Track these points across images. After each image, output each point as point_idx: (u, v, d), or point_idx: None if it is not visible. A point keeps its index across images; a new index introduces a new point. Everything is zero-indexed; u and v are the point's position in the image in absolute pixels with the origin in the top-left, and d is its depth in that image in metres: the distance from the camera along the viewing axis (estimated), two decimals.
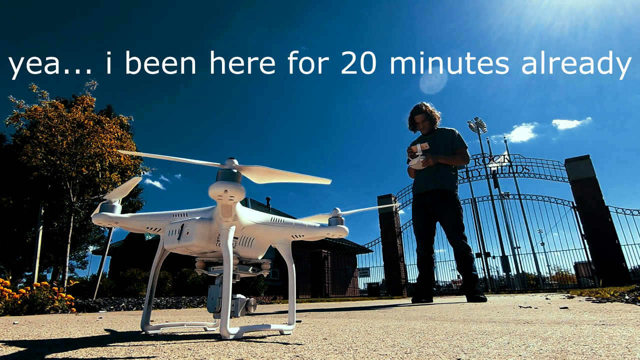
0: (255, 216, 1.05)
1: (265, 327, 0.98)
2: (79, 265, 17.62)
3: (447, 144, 3.60)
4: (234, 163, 0.83)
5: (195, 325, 1.26)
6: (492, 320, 1.31)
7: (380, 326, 1.22)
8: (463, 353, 0.64)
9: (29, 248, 13.77)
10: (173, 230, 0.95)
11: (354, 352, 0.69)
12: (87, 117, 7.30)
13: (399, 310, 2.32)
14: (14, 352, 0.76)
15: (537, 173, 10.61)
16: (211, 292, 0.98)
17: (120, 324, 1.65)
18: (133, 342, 0.88)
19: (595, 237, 8.76)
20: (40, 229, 7.40)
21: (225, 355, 0.66)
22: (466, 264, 3.34)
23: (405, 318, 1.59)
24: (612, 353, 0.60)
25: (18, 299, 3.21)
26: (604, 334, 0.83)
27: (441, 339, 0.84)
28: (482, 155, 11.61)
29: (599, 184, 9.13)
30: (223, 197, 0.82)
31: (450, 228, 3.42)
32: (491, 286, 10.56)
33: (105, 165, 7.55)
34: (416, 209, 3.66)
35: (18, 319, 2.31)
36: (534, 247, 10.69)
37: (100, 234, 16.33)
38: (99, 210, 1.03)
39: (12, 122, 7.18)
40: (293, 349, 0.73)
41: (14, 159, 10.64)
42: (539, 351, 0.64)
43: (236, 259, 1.05)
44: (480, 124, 13.29)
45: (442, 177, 3.52)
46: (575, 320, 1.20)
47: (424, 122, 3.71)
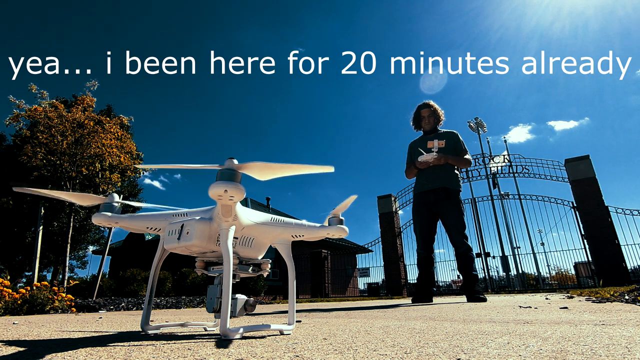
0: (255, 216, 1.05)
1: (265, 327, 0.98)
2: (79, 265, 17.64)
3: (451, 145, 3.61)
4: (233, 163, 0.83)
5: (195, 325, 1.26)
6: (492, 320, 1.31)
7: (380, 326, 1.22)
8: (463, 353, 0.64)
9: (29, 248, 13.77)
10: (173, 230, 0.95)
11: (354, 352, 0.69)
12: (87, 117, 7.31)
13: (399, 310, 2.31)
14: (14, 352, 0.76)
15: (537, 173, 10.62)
16: (210, 292, 0.98)
17: (120, 324, 1.65)
18: (133, 342, 0.88)
19: (595, 237, 8.76)
20: (40, 229, 7.40)
21: (225, 355, 0.66)
22: (467, 263, 3.34)
23: (405, 318, 1.59)
24: (612, 353, 0.60)
25: (18, 299, 3.21)
26: (603, 334, 0.83)
27: (441, 339, 0.84)
28: (482, 155, 11.61)
29: (598, 184, 9.13)
30: (223, 197, 0.82)
31: (452, 227, 3.42)
32: (491, 286, 10.56)
33: (105, 166, 7.55)
34: (418, 208, 3.65)
35: (18, 319, 2.31)
36: (533, 247, 10.71)
37: (100, 234, 16.35)
38: (98, 210, 1.03)
39: (12, 122, 7.19)
40: (293, 349, 0.73)
41: (14, 159, 10.64)
42: (539, 351, 0.64)
43: (236, 259, 1.05)
44: (480, 124, 13.29)
45: (447, 176, 3.52)
46: (575, 320, 1.20)
47: (429, 117, 3.73)
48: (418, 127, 3.89)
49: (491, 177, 11.37)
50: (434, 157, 3.49)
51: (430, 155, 3.51)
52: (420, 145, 3.72)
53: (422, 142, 3.72)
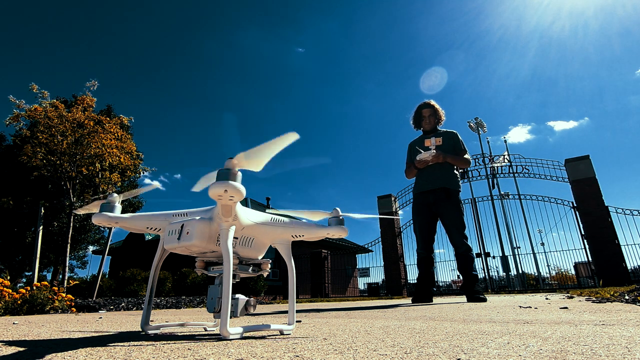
0: (255, 216, 1.05)
1: (265, 327, 0.98)
2: (79, 265, 17.64)
3: (450, 145, 3.61)
4: (233, 163, 0.83)
5: (195, 325, 1.26)
6: (492, 320, 1.31)
7: (380, 326, 1.22)
8: (463, 353, 0.64)
9: (29, 248, 13.77)
10: (173, 230, 0.95)
11: (353, 352, 0.69)
12: (87, 117, 7.30)
13: (399, 310, 2.31)
14: (14, 352, 0.76)
15: (537, 173, 10.62)
16: (211, 292, 0.98)
17: (120, 324, 1.65)
18: (133, 342, 0.88)
19: (595, 237, 8.76)
20: (40, 229, 7.40)
21: (225, 355, 0.66)
22: (466, 263, 3.34)
23: (405, 318, 1.59)
24: (612, 353, 0.60)
25: (18, 299, 3.21)
26: (604, 334, 0.83)
27: (441, 339, 0.84)
28: (482, 155, 11.61)
29: (598, 184, 9.13)
30: (223, 197, 0.82)
31: (452, 227, 3.42)
32: (491, 286, 10.56)
33: (105, 166, 7.55)
34: (418, 208, 3.65)
35: (18, 319, 2.31)
36: (533, 247, 10.70)
37: (100, 234, 16.36)
38: (99, 210, 1.03)
39: (12, 122, 7.18)
40: (293, 349, 0.73)
41: (14, 159, 10.64)
42: (539, 351, 0.64)
43: (236, 259, 1.05)
44: (480, 124, 13.29)
45: (447, 176, 3.52)
46: (575, 320, 1.20)
47: (430, 117, 3.74)
48: (418, 127, 3.89)
49: (491, 177, 11.37)
50: (432, 154, 3.49)
51: (428, 153, 3.51)
52: (418, 144, 3.72)
53: (421, 141, 3.72)
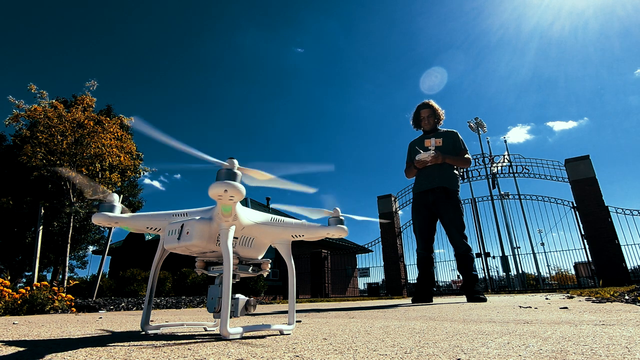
0: (255, 216, 1.05)
1: (265, 327, 0.98)
2: (79, 265, 17.61)
3: (450, 145, 3.61)
4: (234, 163, 0.83)
5: (195, 325, 1.26)
6: (492, 320, 1.31)
7: (380, 326, 1.22)
8: (463, 353, 0.64)
9: (29, 248, 13.76)
10: (173, 230, 0.95)
11: (354, 352, 0.69)
12: (87, 117, 7.30)
13: (399, 310, 2.31)
14: (14, 352, 0.76)
15: (537, 173, 10.61)
16: (211, 292, 0.98)
17: (120, 324, 1.65)
18: (133, 342, 0.88)
19: (595, 237, 8.76)
20: (40, 229, 7.39)
21: (225, 355, 0.66)
22: (466, 263, 3.34)
23: (405, 318, 1.59)
24: (612, 353, 0.60)
25: (18, 299, 3.21)
26: (604, 334, 0.83)
27: (441, 339, 0.84)
28: (482, 156, 11.60)
29: (598, 184, 9.13)
30: (223, 197, 0.82)
31: (452, 227, 3.42)
32: (491, 286, 10.55)
33: (105, 166, 7.54)
34: (417, 208, 3.65)
35: (18, 319, 2.31)
36: (533, 247, 10.70)
37: (100, 234, 16.33)
38: (98, 210, 1.03)
39: (12, 122, 7.18)
40: (293, 349, 0.73)
41: (14, 159, 10.64)
42: (539, 351, 0.64)
43: (236, 259, 1.05)
44: (480, 124, 13.29)
45: (446, 176, 3.52)
46: (575, 320, 1.20)
47: (429, 118, 3.73)
48: (418, 127, 3.89)
49: (491, 177, 11.37)
50: (431, 155, 3.49)
51: (428, 153, 3.51)
52: (418, 144, 3.72)
53: (421, 141, 3.72)
